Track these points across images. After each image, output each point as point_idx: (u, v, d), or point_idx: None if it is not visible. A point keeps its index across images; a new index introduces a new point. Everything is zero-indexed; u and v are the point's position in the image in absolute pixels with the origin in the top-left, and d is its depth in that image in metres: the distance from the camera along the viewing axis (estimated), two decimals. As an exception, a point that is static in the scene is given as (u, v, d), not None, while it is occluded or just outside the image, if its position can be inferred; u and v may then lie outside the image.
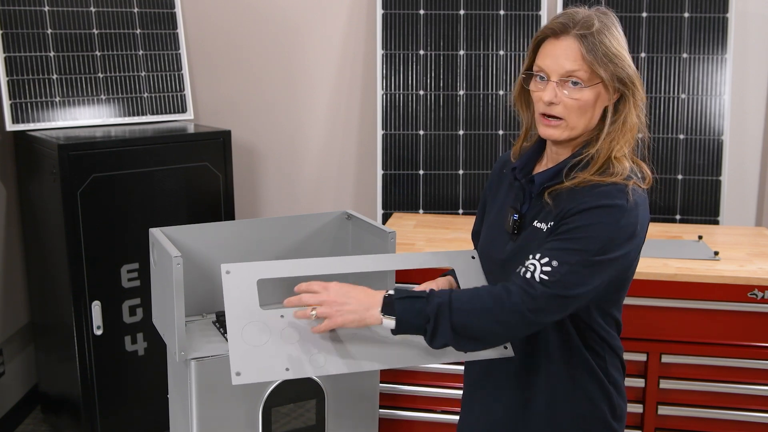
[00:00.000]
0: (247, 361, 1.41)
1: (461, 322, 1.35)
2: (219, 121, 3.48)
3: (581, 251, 1.35)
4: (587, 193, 1.40)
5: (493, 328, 1.36)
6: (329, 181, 3.50)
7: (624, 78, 1.40)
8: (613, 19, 1.43)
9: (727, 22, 3.04)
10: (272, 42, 3.41)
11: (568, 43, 1.39)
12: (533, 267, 1.36)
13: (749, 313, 2.43)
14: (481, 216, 1.73)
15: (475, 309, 1.35)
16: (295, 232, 2.17)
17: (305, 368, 1.42)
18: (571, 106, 1.41)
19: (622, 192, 1.38)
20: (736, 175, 3.19)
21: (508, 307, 1.34)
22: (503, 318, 1.35)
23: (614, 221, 1.37)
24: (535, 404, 1.53)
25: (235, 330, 1.45)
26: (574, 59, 1.39)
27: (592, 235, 1.36)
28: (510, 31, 3.14)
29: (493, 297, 1.36)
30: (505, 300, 1.35)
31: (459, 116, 3.17)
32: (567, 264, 1.35)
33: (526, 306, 1.34)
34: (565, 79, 1.40)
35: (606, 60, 1.38)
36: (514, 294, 1.35)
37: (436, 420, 2.66)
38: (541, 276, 1.35)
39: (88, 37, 2.98)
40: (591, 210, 1.37)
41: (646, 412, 2.55)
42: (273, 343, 1.44)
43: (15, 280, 3.10)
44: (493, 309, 1.35)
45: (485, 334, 1.37)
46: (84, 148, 2.60)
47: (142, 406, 2.85)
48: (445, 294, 1.37)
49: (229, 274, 1.54)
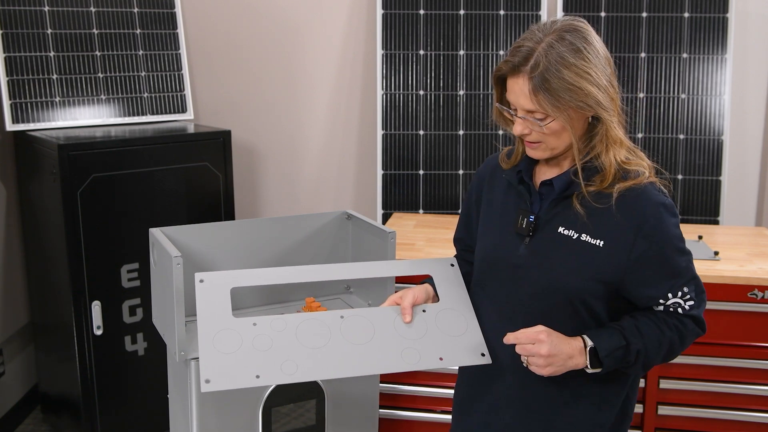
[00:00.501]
0: (218, 369, 1.42)
1: (652, 357, 1.48)
2: (219, 121, 3.47)
3: (687, 259, 1.48)
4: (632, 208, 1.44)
5: (678, 353, 1.53)
6: (329, 181, 3.50)
7: (584, 107, 1.39)
8: (580, 37, 1.39)
9: (727, 22, 3.04)
10: (272, 42, 3.41)
11: (521, 83, 1.40)
12: (677, 304, 1.48)
13: (749, 313, 2.43)
14: (465, 222, 1.72)
15: (663, 344, 1.47)
16: (295, 232, 2.17)
17: (276, 375, 1.43)
18: (543, 133, 1.44)
19: (658, 189, 1.48)
20: (736, 175, 3.19)
21: (687, 334, 1.50)
22: (686, 344, 1.52)
23: (672, 215, 1.46)
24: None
25: (206, 337, 1.46)
26: (530, 99, 1.40)
27: (676, 236, 1.46)
28: (510, 31, 3.14)
29: (675, 330, 1.48)
30: (683, 330, 1.49)
31: (459, 116, 3.17)
32: (690, 279, 1.48)
33: (699, 327, 1.52)
34: (528, 116, 1.43)
35: (558, 97, 1.37)
36: (688, 323, 1.49)
37: (436, 420, 2.66)
38: (689, 304, 1.48)
39: (88, 37, 2.98)
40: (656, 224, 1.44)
41: (646, 412, 2.55)
42: (244, 351, 1.45)
43: (15, 280, 3.09)
44: (678, 341, 1.49)
45: (671, 359, 1.54)
46: (84, 148, 2.60)
47: (142, 406, 2.85)
48: (638, 337, 1.45)
49: (203, 283, 1.55)
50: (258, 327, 1.49)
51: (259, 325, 1.49)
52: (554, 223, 1.49)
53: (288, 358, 1.44)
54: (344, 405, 2.02)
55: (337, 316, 1.53)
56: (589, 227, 1.45)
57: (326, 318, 1.52)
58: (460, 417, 1.69)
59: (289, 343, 1.47)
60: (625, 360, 1.44)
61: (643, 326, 1.45)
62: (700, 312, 1.50)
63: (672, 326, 1.47)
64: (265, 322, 1.49)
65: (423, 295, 1.61)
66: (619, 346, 1.43)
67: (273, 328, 1.49)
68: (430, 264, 1.67)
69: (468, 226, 1.72)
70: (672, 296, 1.47)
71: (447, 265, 1.66)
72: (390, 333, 1.51)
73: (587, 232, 1.45)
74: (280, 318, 1.51)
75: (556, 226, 1.48)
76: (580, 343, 1.43)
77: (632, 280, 1.45)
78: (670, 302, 1.47)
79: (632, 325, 1.45)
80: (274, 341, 1.47)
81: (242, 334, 1.47)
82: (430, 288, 1.65)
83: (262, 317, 1.50)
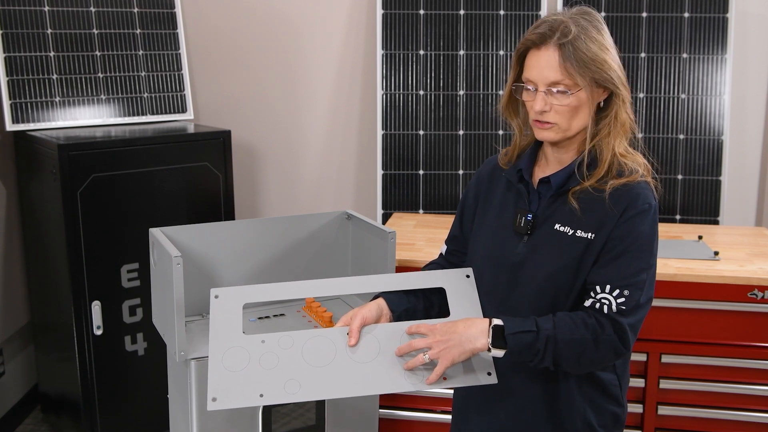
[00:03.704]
0: (225, 387, 1.44)
1: (563, 354, 1.41)
2: (219, 121, 3.48)
3: (643, 268, 1.43)
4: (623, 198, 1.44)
5: (590, 360, 1.44)
6: (329, 181, 3.50)
7: (606, 80, 1.44)
8: (595, 19, 1.46)
9: (727, 22, 3.04)
10: (272, 42, 3.41)
11: (548, 54, 1.43)
12: (608, 301, 1.42)
13: (749, 313, 2.43)
14: (460, 221, 1.72)
15: (575, 340, 1.41)
16: (295, 232, 2.17)
17: (279, 395, 1.44)
18: (562, 111, 1.45)
19: (650, 189, 1.47)
20: (736, 175, 3.19)
21: (604, 339, 1.41)
22: (601, 351, 1.42)
23: (653, 222, 1.45)
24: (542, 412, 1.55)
25: (216, 355, 1.48)
26: (557, 69, 1.42)
27: (645, 245, 1.43)
28: (510, 31, 3.14)
29: (590, 330, 1.41)
30: (599, 333, 1.41)
31: (459, 116, 3.17)
32: (636, 288, 1.42)
33: (618, 338, 1.42)
34: (551, 88, 1.44)
35: (585, 66, 1.42)
36: (607, 327, 1.42)
37: (436, 420, 2.66)
38: (619, 307, 1.42)
39: (88, 37, 2.98)
40: (634, 218, 1.43)
41: (646, 412, 2.55)
42: (251, 369, 1.46)
43: (15, 280, 3.10)
44: (592, 343, 1.41)
45: (581, 366, 1.45)
46: (84, 148, 2.60)
47: (142, 406, 2.85)
48: (550, 325, 1.41)
49: (218, 299, 1.57)
50: (266, 344, 1.50)
51: (267, 342, 1.50)
52: (551, 221, 1.51)
53: (292, 377, 1.46)
54: (344, 405, 2.02)
55: (344, 332, 1.52)
56: (582, 221, 1.47)
57: (333, 335, 1.52)
58: (460, 417, 1.69)
59: (295, 362, 1.48)
60: (534, 347, 1.40)
61: (559, 318, 1.43)
62: (626, 322, 1.42)
63: (589, 326, 1.42)
64: (273, 340, 1.51)
65: (374, 314, 1.55)
66: (528, 329, 1.40)
67: (280, 345, 1.50)
68: (445, 276, 1.63)
69: (462, 226, 1.72)
70: (609, 290, 1.43)
71: (462, 277, 1.63)
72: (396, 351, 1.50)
73: (581, 228, 1.47)
74: (288, 335, 1.52)
75: (553, 223, 1.50)
76: (484, 324, 1.42)
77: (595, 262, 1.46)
78: (601, 296, 1.43)
79: (548, 317, 1.44)
80: (280, 359, 1.48)
81: (250, 351, 1.49)
82: (383, 304, 1.58)
83: (271, 334, 1.51)
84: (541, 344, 1.40)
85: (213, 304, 1.56)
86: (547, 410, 1.54)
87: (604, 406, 1.55)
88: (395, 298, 1.61)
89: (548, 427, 1.54)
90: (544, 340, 1.40)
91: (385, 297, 1.60)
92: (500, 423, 1.58)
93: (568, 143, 1.51)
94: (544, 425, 1.54)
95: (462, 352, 1.41)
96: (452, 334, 1.42)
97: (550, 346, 1.40)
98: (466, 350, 1.41)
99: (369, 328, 1.53)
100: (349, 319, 1.54)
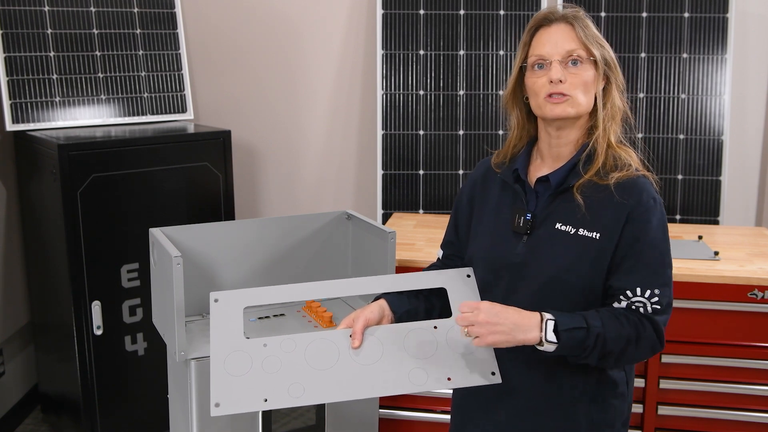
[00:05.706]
0: (227, 392, 1.43)
1: (610, 350, 1.42)
2: (219, 121, 3.48)
3: (666, 264, 1.47)
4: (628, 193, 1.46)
5: (630, 357, 1.46)
6: (329, 181, 3.50)
7: (609, 60, 1.51)
8: (588, 16, 1.56)
9: (727, 22, 3.04)
10: (272, 42, 3.41)
11: (562, 28, 1.50)
12: (642, 303, 1.44)
13: (749, 313, 2.43)
14: (455, 225, 1.71)
15: (621, 337, 1.42)
16: (295, 232, 2.17)
17: (283, 399, 1.43)
18: (576, 83, 1.48)
19: (650, 184, 1.50)
20: (736, 175, 3.19)
21: (645, 336, 1.44)
22: (640, 348, 1.44)
23: (662, 216, 1.49)
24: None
25: (218, 360, 1.47)
26: (572, 40, 1.49)
27: (661, 242, 1.46)
28: (510, 31, 3.14)
29: (633, 327, 1.43)
30: (641, 330, 1.43)
31: (459, 116, 3.17)
32: (665, 285, 1.46)
33: (657, 336, 1.45)
34: (567, 58, 1.48)
35: (595, 41, 1.50)
36: (647, 325, 1.44)
37: (436, 420, 2.66)
38: (654, 308, 1.45)
39: (88, 37, 2.98)
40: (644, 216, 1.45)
41: (646, 412, 2.55)
42: (254, 373, 1.45)
43: (15, 280, 3.10)
44: (635, 340, 1.43)
45: (619, 363, 1.47)
46: (84, 148, 2.60)
47: (142, 406, 2.85)
48: (599, 322, 1.41)
49: (218, 303, 1.56)
50: (268, 348, 1.49)
51: (270, 346, 1.49)
52: (552, 220, 1.50)
53: (295, 381, 1.45)
54: (344, 405, 2.02)
55: (347, 335, 1.52)
56: (586, 220, 1.47)
57: (336, 338, 1.51)
58: (460, 417, 1.69)
59: (298, 365, 1.47)
60: (585, 344, 1.40)
61: (604, 315, 1.43)
62: (662, 321, 1.45)
63: (632, 322, 1.43)
64: (275, 343, 1.50)
65: (376, 315, 1.55)
66: (580, 326, 1.40)
67: (283, 348, 1.49)
68: (445, 276, 1.63)
69: (458, 230, 1.71)
70: (640, 293, 1.45)
71: (463, 277, 1.62)
72: (399, 353, 1.50)
73: (584, 226, 1.47)
74: (290, 338, 1.51)
75: (554, 222, 1.50)
76: (536, 318, 1.41)
77: (610, 266, 1.46)
78: (635, 299, 1.45)
79: (593, 313, 1.44)
80: (283, 363, 1.47)
81: (252, 355, 1.48)
82: (385, 305, 1.58)
83: (273, 338, 1.50)
84: (591, 341, 1.40)
85: (213, 308, 1.55)
86: (548, 410, 1.53)
87: (610, 404, 1.54)
88: (396, 299, 1.60)
89: (550, 427, 1.54)
90: (594, 337, 1.40)
91: (387, 298, 1.60)
92: (500, 423, 1.58)
93: (569, 130, 1.51)
94: (546, 425, 1.54)
95: (508, 340, 1.39)
96: (503, 320, 1.40)
97: (600, 343, 1.40)
98: (515, 340, 1.39)
99: (371, 329, 1.53)
100: (352, 321, 1.53)
